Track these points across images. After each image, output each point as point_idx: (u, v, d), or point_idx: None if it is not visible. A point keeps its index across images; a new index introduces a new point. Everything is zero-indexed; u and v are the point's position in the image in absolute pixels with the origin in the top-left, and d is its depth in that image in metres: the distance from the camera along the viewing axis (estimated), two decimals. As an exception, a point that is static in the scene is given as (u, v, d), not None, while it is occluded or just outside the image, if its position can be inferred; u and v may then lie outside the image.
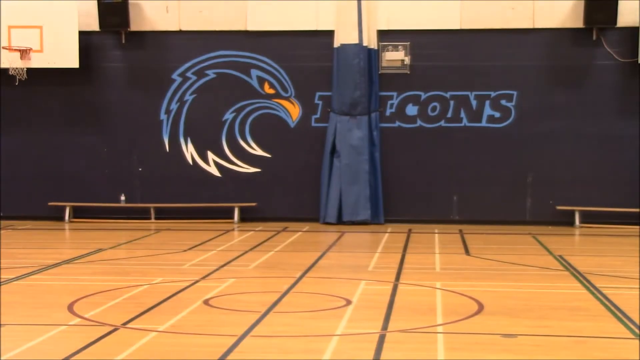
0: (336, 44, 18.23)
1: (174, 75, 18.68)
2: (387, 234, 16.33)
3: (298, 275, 11.27)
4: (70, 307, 9.04)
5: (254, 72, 18.62)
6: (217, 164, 18.70)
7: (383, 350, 7.34)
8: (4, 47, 17.72)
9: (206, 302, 9.42)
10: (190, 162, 18.72)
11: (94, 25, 18.30)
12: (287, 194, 18.52)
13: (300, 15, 18.39)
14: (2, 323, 8.29)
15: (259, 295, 10.03)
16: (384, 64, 18.34)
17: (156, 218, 18.54)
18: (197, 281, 10.75)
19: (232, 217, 18.34)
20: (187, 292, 10.07)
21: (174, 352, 7.32)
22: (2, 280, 10.82)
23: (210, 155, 18.69)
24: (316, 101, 18.55)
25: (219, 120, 18.64)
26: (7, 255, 13.38)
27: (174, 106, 18.70)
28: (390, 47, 18.33)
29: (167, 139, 18.72)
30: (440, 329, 8.22)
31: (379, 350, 7.31)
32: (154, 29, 18.59)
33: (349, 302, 9.42)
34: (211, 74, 18.69)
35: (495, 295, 9.97)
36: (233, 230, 17.18)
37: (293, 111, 18.61)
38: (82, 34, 18.06)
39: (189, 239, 15.41)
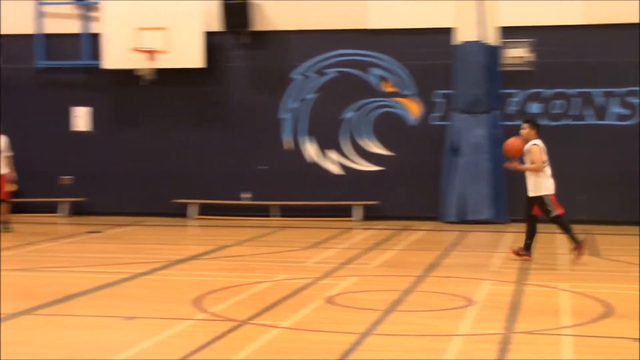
0: (456, 42, 18.06)
1: (295, 74, 18.87)
2: (510, 234, 16.06)
3: (420, 274, 11.22)
4: (196, 302, 9.24)
5: (374, 71, 18.63)
6: (337, 163, 18.79)
7: (507, 351, 7.23)
8: (132, 49, 18.24)
9: (328, 299, 9.48)
10: (311, 160, 18.87)
11: (217, 25, 18.65)
12: (407, 193, 18.45)
13: (420, 13, 18.30)
14: (132, 316, 8.54)
15: (381, 294, 10.02)
16: (505, 61, 18.07)
17: (278, 216, 18.75)
18: (319, 279, 10.83)
19: (351, 215, 18.39)
20: (310, 289, 10.15)
21: (297, 349, 7.39)
22: (131, 274, 11.14)
23: (331, 154, 18.80)
24: (436, 99, 18.42)
25: (339, 118, 18.73)
26: (137, 250, 13.80)
27: (294, 105, 18.89)
28: (512, 44, 18.04)
29: (288, 138, 18.92)
30: (567, 331, 8.04)
31: (503, 352, 7.21)
32: (274, 28, 18.82)
33: (471, 302, 9.33)
34: (331, 72, 18.80)
35: (624, 298, 9.68)
36: (354, 228, 17.24)
37: (413, 109, 18.53)
38: (206, 34, 18.43)
39: (311, 236, 15.54)
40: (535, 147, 12.22)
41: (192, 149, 19.14)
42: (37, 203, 19.27)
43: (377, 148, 18.61)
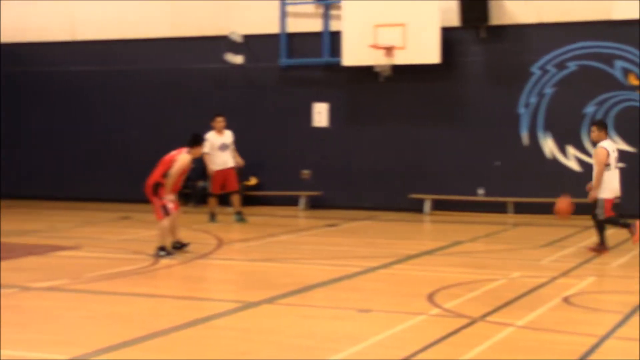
0: None
1: (533, 68, 18.44)
2: None
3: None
4: (430, 297, 9.27)
5: (618, 63, 17.87)
6: (577, 159, 18.21)
7: None
8: (370, 46, 18.53)
9: (565, 299, 9.22)
10: (549, 156, 18.39)
11: (454, 20, 18.58)
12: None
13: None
14: (367, 309, 8.70)
15: (621, 295, 9.63)
16: None
17: (514, 212, 18.44)
18: (555, 277, 10.55)
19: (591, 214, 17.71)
20: (546, 288, 9.91)
21: (532, 349, 7.25)
22: (366, 268, 11.34)
23: (570, 150, 18.23)
24: (686, 92, 17.41)
25: (579, 113, 18.12)
26: (371, 244, 14.02)
27: (532, 100, 18.48)
28: None
29: (525, 133, 18.54)
30: None
31: None
32: (513, 22, 18.49)
33: None
34: (572, 66, 18.22)
35: None
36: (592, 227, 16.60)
37: (660, 104, 17.63)
38: (443, 30, 18.41)
39: (547, 234, 15.15)
40: (601, 150, 12.45)
41: (427, 145, 19.18)
42: (278, 196, 20.03)
43: (620, 144, 17.82)
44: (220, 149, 16.44)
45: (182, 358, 6.98)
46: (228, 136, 16.66)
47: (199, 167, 17.11)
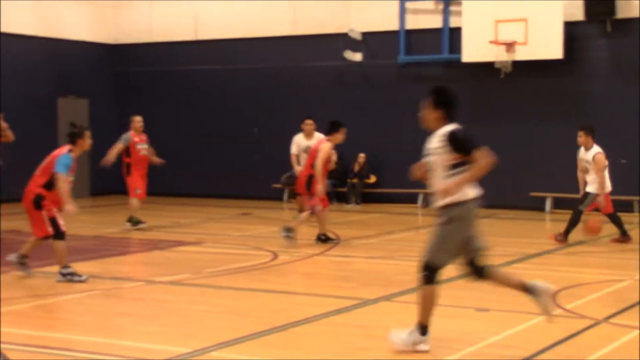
0: None
1: (661, 63, 17.86)
2: None
3: None
4: (550, 297, 9.07)
5: None
6: None
7: None
8: (491, 42, 18.30)
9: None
10: (678, 153, 17.76)
11: (578, 15, 18.15)
12: None
13: None
14: (486, 308, 8.59)
15: None
16: None
17: None
18: (684, 280, 10.19)
19: None
20: (673, 290, 9.59)
21: (659, 353, 7.02)
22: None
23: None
24: None
25: None
26: (491, 242, 13.78)
27: (659, 95, 17.89)
28: None
29: (651, 129, 17.98)
30: None
31: None
32: (641, 15, 17.95)
33: None
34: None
35: None
36: None
37: None
38: (566, 24, 18.01)
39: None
40: (600, 156, 13.03)
41: (549, 142, 18.80)
42: (396, 194, 19.99)
43: None
44: (305, 151, 15.19)
45: (300, 353, 7.06)
46: (316, 140, 14.93)
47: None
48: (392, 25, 20.06)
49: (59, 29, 21.81)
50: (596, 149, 13.23)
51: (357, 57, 20.33)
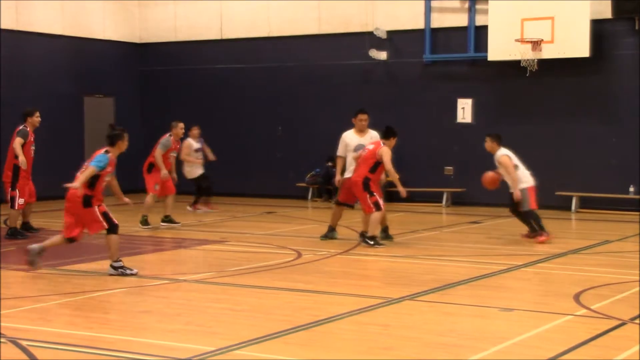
0: None
1: (690, 62, 17.68)
2: None
3: None
4: (576, 297, 9.03)
5: None
6: None
7: None
8: (517, 40, 18.19)
9: None
10: None
11: (606, 12, 18.01)
12: None
13: None
14: (510, 308, 8.55)
15: None
16: None
17: (667, 211, 17.76)
18: None
19: None
20: (701, 291, 9.48)
21: (686, 354, 6.95)
22: (510, 266, 11.15)
23: None
24: None
25: None
26: (515, 242, 13.74)
27: (688, 94, 17.72)
28: None
29: (680, 129, 17.80)
30: None
31: None
32: (670, 13, 17.76)
33: None
34: None
35: None
36: None
37: None
38: (593, 22, 17.87)
39: None
40: (505, 158, 13.64)
41: (575, 140, 18.68)
42: (421, 193, 19.92)
43: None
44: (356, 150, 13.40)
45: (324, 352, 7.05)
46: (369, 138, 13.56)
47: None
48: (418, 23, 20.01)
49: (85, 28, 21.94)
50: (502, 151, 13.81)
51: (383, 55, 20.29)
